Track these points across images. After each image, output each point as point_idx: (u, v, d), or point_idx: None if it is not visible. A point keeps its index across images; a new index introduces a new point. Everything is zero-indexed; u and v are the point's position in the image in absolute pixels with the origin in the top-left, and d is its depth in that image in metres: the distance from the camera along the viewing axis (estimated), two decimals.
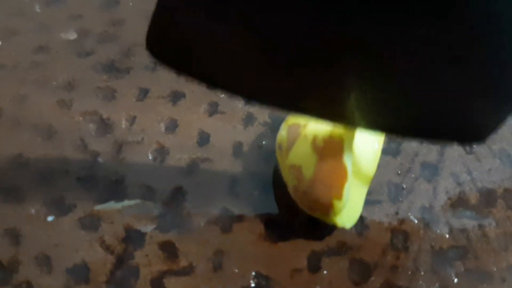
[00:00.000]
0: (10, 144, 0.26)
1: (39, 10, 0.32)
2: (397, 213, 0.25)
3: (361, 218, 0.25)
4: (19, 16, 0.32)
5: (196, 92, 0.28)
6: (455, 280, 0.24)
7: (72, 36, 0.31)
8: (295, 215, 0.24)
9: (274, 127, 0.27)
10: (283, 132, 0.23)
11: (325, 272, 0.23)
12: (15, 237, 0.24)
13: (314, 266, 0.23)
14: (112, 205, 0.25)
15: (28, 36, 0.31)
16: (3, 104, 0.28)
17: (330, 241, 0.24)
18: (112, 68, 0.29)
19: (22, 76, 0.29)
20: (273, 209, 0.25)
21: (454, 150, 0.27)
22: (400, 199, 0.25)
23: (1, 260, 0.23)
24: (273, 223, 0.24)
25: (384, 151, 0.27)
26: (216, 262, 0.23)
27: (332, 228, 0.24)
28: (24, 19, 0.32)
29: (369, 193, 0.25)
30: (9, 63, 0.30)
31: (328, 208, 0.21)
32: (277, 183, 0.25)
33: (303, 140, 0.22)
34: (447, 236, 0.24)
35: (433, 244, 0.24)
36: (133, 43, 0.30)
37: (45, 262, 0.23)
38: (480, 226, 0.25)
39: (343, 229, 0.24)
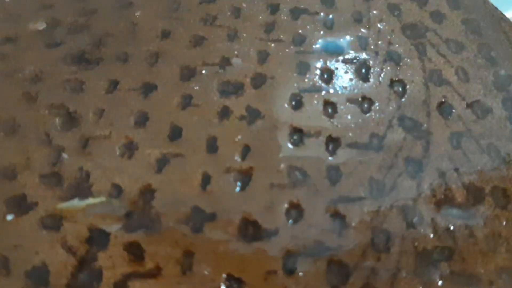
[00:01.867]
0: None
1: (7, 0, 0.31)
2: (378, 211, 0.23)
3: (341, 216, 0.23)
4: None
5: (169, 84, 0.27)
6: (440, 282, 0.22)
7: (41, 26, 0.29)
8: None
9: (250, 121, 0.26)
10: None
11: (300, 274, 0.22)
12: None
13: (290, 267, 0.22)
14: (76, 204, 0.23)
15: None
16: None
17: (307, 241, 0.23)
18: (82, 60, 0.28)
19: None
20: (248, 208, 0.23)
21: (440, 145, 0.26)
22: (382, 196, 0.24)
23: None
24: (247, 223, 0.23)
25: (366, 147, 0.25)
26: (185, 264, 0.22)
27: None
28: None
29: (349, 190, 0.24)
30: None
31: None
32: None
33: None
34: (432, 236, 0.23)
35: (416, 244, 0.23)
36: (104, 33, 0.29)
37: (2, 264, 0.22)
38: (467, 226, 0.23)
39: (321, 229, 0.23)
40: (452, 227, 0.23)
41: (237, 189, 0.24)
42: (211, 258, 0.22)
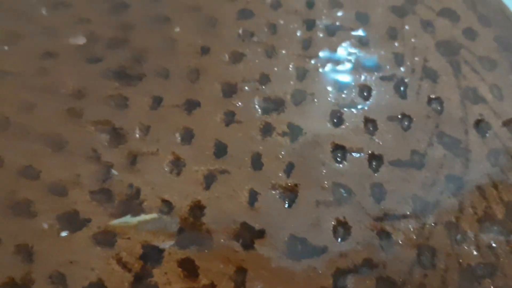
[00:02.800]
0: (19, 155, 0.25)
1: (45, 14, 0.31)
2: (423, 228, 0.24)
3: (387, 234, 0.24)
4: (24, 20, 0.31)
5: (212, 101, 0.27)
6: None
7: (81, 41, 0.29)
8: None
9: (292, 138, 0.26)
10: None
11: None
12: (27, 253, 0.23)
13: (340, 285, 0.23)
14: (128, 220, 0.23)
15: (34, 41, 0.30)
16: (11, 113, 0.27)
17: (356, 258, 0.23)
18: (123, 75, 0.28)
19: (30, 83, 0.28)
20: (296, 223, 0.24)
21: (479, 162, 0.26)
22: (426, 214, 0.24)
23: (14, 278, 0.22)
24: (295, 239, 0.23)
25: (408, 164, 0.26)
26: (238, 281, 0.23)
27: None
28: (30, 22, 0.30)
29: (394, 207, 0.24)
30: (15, 70, 0.28)
31: None
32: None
33: None
34: (475, 252, 0.24)
35: (460, 260, 0.24)
36: (144, 48, 0.29)
37: (60, 280, 0.22)
38: (508, 242, 0.24)
39: (369, 246, 0.23)
40: (493, 244, 0.24)
41: (285, 206, 0.24)
42: (263, 275, 0.22)
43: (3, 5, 0.31)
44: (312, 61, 0.29)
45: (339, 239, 0.23)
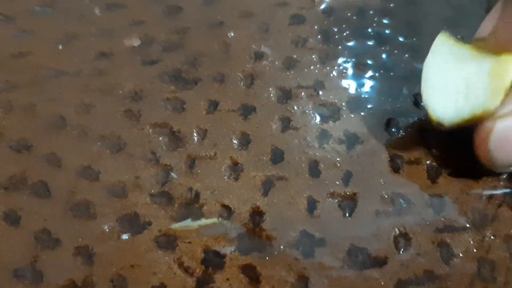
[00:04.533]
0: (78, 155, 0.25)
1: (99, 14, 0.31)
2: (482, 241, 0.24)
3: (447, 246, 0.24)
4: (78, 20, 0.31)
5: (267, 106, 0.27)
6: None
7: (136, 42, 0.30)
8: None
9: (349, 146, 0.26)
10: None
11: None
12: (88, 256, 0.23)
13: None
14: (189, 224, 0.24)
15: (89, 41, 0.30)
16: (68, 113, 0.27)
17: (417, 269, 0.23)
18: (179, 79, 0.28)
19: (86, 84, 0.28)
20: (356, 233, 0.24)
21: None
22: (485, 226, 0.24)
23: (75, 281, 0.22)
24: (356, 249, 0.23)
25: (466, 176, 0.26)
26: None
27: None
28: (84, 23, 0.31)
29: (453, 219, 0.24)
30: (71, 69, 0.29)
31: None
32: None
33: None
34: None
35: None
36: (199, 52, 0.29)
37: (121, 284, 0.22)
38: None
39: (429, 258, 0.23)
40: None
41: (344, 215, 0.24)
42: (325, 284, 0.22)
43: (59, 6, 0.31)
44: (366, 68, 0.29)
45: (401, 250, 0.23)
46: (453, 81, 0.24)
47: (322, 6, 0.31)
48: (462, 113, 0.23)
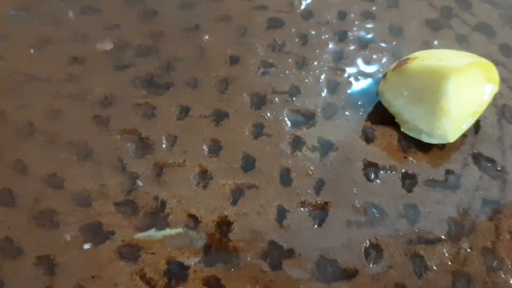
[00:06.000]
0: (44, 162, 0.25)
1: (73, 18, 0.31)
2: (458, 254, 0.23)
3: (421, 258, 0.23)
4: (53, 24, 0.30)
5: (240, 112, 0.27)
6: None
7: (109, 46, 0.29)
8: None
9: (322, 153, 0.26)
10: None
11: None
12: (49, 266, 0.22)
13: None
14: (153, 234, 0.23)
15: (62, 46, 0.29)
16: (37, 119, 0.26)
17: (388, 283, 0.22)
18: (152, 84, 0.28)
19: (57, 89, 0.28)
20: (326, 244, 0.23)
21: None
22: (461, 238, 0.23)
23: None
24: (325, 261, 0.23)
25: (443, 186, 0.25)
26: None
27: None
28: (59, 27, 0.30)
29: (428, 230, 0.24)
30: (43, 74, 0.28)
31: None
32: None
33: None
34: None
35: None
36: (173, 57, 0.29)
37: None
38: None
39: (401, 270, 0.22)
40: None
41: (315, 225, 0.23)
42: None
43: (34, 10, 0.31)
44: (344, 74, 0.28)
45: (371, 262, 0.22)
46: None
47: (301, 9, 0.31)
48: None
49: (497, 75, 0.26)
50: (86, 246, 0.23)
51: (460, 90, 0.24)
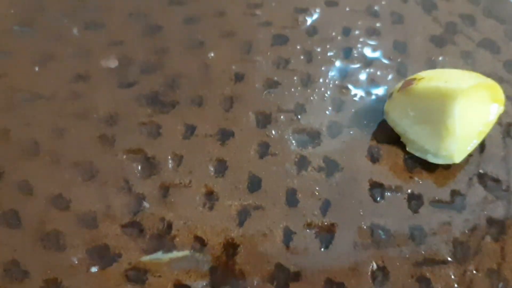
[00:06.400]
0: (49, 183, 0.25)
1: (77, 34, 0.30)
2: (464, 276, 0.23)
3: (427, 281, 0.23)
4: (56, 40, 0.30)
5: (246, 131, 0.27)
6: None
7: (113, 64, 0.29)
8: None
9: (328, 173, 0.26)
10: None
11: None
12: None
13: None
14: (160, 257, 0.23)
15: (66, 63, 0.29)
16: (41, 138, 0.26)
17: None
18: (157, 101, 0.28)
19: (61, 107, 0.27)
20: (333, 266, 0.23)
21: None
22: (467, 259, 0.23)
23: None
24: (332, 284, 0.23)
25: (448, 206, 0.25)
26: None
27: None
28: (62, 43, 0.30)
29: (434, 252, 0.24)
30: (47, 92, 0.28)
31: None
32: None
33: None
34: None
35: None
36: (177, 73, 0.29)
37: None
38: None
39: None
40: None
41: (321, 247, 0.23)
42: None
43: (38, 25, 0.30)
44: (349, 92, 0.28)
45: (378, 285, 0.22)
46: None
47: (306, 26, 0.31)
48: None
49: (502, 95, 0.26)
50: (93, 269, 0.23)
51: (466, 111, 0.24)
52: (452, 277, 0.23)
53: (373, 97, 0.28)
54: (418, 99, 0.25)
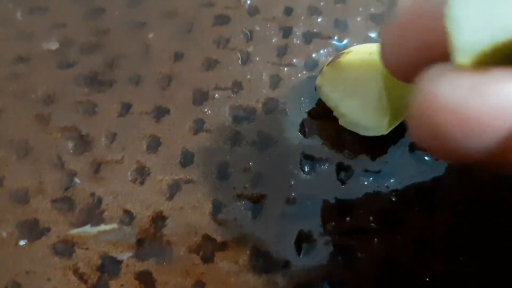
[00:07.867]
0: None
1: (20, 18, 0.31)
2: (389, 243, 0.23)
3: (353, 249, 0.23)
4: (0, 24, 0.30)
5: (181, 108, 0.27)
6: None
7: (54, 46, 0.29)
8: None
9: (262, 148, 0.26)
10: None
11: None
12: None
13: None
14: (88, 230, 0.23)
15: (7, 45, 0.29)
16: None
17: (319, 274, 0.23)
18: (95, 81, 0.28)
19: (0, 88, 0.28)
20: (259, 237, 0.23)
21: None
22: (394, 228, 0.24)
23: None
24: (258, 253, 0.23)
25: (377, 176, 0.25)
26: None
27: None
28: (5, 27, 0.30)
29: (360, 221, 0.24)
30: None
31: None
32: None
33: None
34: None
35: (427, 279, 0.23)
36: (117, 54, 0.29)
37: None
38: None
39: (332, 262, 0.23)
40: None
41: (249, 217, 0.24)
42: None
43: None
44: (286, 69, 0.28)
45: (302, 254, 0.23)
46: None
47: (248, 5, 0.31)
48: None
49: None
50: (22, 242, 0.23)
51: (393, 82, 0.24)
52: (378, 245, 0.23)
53: (311, 74, 0.28)
54: (346, 72, 0.25)
